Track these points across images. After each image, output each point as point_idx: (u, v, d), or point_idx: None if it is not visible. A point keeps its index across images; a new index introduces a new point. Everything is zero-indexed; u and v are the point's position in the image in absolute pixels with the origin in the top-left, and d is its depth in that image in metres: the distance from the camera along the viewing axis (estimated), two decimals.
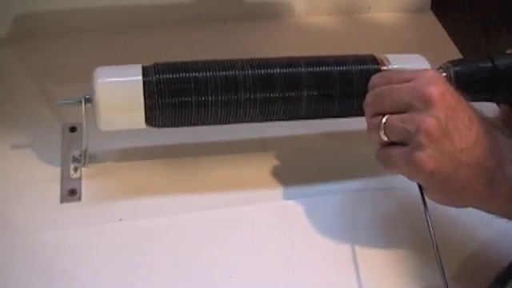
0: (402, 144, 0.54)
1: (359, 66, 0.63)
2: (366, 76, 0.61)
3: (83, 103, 0.60)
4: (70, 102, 0.61)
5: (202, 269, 0.59)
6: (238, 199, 0.65)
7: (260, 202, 0.65)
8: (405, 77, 0.55)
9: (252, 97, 0.61)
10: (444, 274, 0.54)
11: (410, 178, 0.55)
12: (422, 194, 0.56)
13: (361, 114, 0.63)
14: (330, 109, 0.63)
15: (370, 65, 0.63)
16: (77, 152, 0.67)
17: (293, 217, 0.64)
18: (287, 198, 0.65)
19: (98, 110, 0.59)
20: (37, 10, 0.79)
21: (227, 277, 0.59)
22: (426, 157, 0.52)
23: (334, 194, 0.66)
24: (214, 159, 0.68)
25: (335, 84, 0.62)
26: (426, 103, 0.52)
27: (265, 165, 0.68)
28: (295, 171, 0.68)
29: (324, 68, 0.63)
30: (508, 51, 0.64)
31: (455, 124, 0.52)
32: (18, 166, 0.66)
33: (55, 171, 0.66)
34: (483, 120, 0.54)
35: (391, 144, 0.55)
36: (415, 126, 0.52)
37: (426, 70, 0.56)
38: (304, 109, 0.62)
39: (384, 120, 0.55)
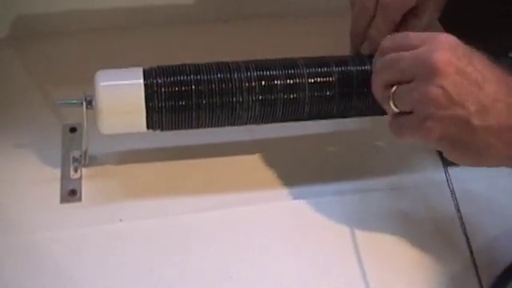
0: (412, 113, 0.54)
1: (359, 67, 0.63)
2: (366, 76, 0.62)
3: (84, 104, 0.60)
4: (71, 102, 0.61)
5: (201, 269, 0.59)
6: (237, 200, 0.65)
7: (261, 202, 0.65)
8: (413, 44, 0.54)
9: (253, 98, 0.61)
10: (471, 249, 0.54)
11: (424, 145, 0.55)
12: (443, 160, 0.56)
13: (361, 114, 0.63)
14: (331, 109, 0.63)
15: (370, 65, 0.63)
16: (77, 152, 0.67)
17: (294, 217, 0.64)
18: (287, 198, 0.66)
19: (99, 114, 0.59)
20: (37, 10, 0.79)
21: (227, 277, 0.59)
22: (433, 124, 0.52)
23: (335, 194, 0.66)
24: (214, 160, 0.68)
25: (335, 84, 0.62)
26: (430, 72, 0.52)
27: (266, 165, 0.68)
28: (296, 172, 0.68)
29: (324, 68, 0.63)
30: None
31: (464, 88, 0.51)
32: (18, 166, 0.66)
33: (55, 171, 0.66)
34: (504, 78, 0.53)
35: (402, 113, 0.55)
36: (421, 95, 0.52)
37: (435, 35, 0.54)
38: (305, 110, 0.62)
39: (392, 90, 0.55)
